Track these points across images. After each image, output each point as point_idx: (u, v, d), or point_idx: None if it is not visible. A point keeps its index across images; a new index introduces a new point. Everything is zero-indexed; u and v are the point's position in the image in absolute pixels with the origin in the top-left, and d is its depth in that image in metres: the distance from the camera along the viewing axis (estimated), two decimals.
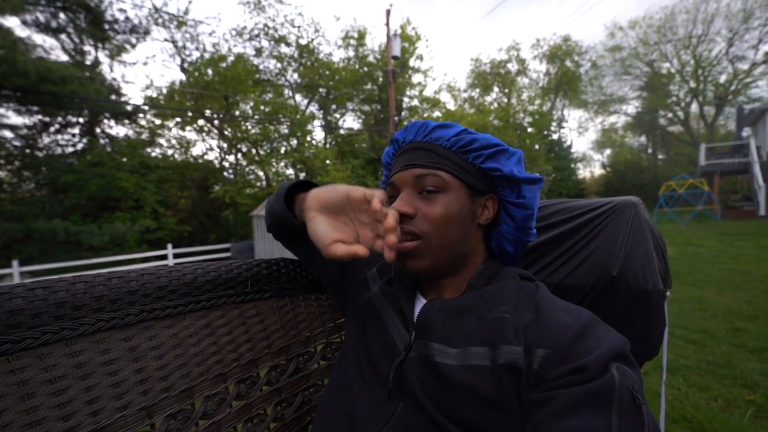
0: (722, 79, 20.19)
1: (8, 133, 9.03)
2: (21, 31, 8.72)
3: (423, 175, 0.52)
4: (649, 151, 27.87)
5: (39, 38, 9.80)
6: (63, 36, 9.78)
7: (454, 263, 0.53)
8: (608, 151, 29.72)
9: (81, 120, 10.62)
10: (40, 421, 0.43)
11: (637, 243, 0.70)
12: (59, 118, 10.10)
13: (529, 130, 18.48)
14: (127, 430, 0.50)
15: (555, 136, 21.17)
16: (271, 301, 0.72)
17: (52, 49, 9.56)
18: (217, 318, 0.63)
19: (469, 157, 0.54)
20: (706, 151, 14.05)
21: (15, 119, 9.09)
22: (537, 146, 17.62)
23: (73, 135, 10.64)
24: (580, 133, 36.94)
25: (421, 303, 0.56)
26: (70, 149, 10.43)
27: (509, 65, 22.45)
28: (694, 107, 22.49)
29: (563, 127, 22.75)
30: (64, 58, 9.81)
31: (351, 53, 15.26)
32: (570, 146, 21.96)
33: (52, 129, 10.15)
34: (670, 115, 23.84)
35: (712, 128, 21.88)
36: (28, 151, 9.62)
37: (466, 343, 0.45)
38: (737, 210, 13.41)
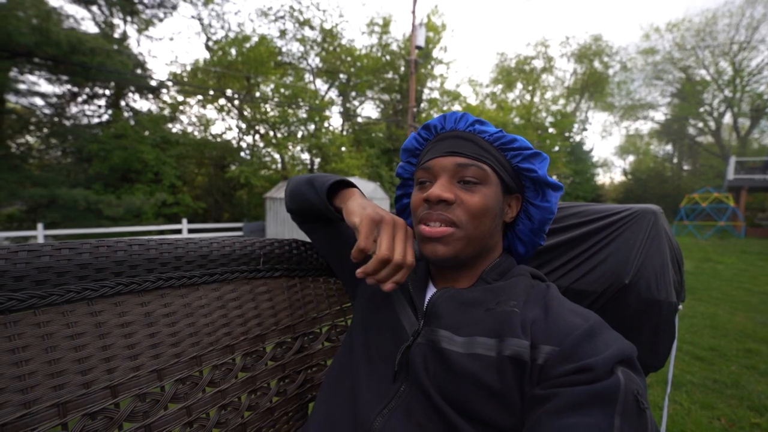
0: (761, 89, 19.20)
1: (39, 101, 9.33)
2: (55, 1, 8.91)
3: (466, 165, 0.52)
4: (675, 160, 26.88)
5: (72, 9, 10.02)
6: (94, 8, 9.96)
7: (477, 256, 0.54)
8: (631, 158, 28.84)
9: (107, 92, 10.87)
10: (61, 372, 0.46)
11: (653, 252, 0.69)
12: (87, 89, 10.34)
13: (551, 130, 18.03)
14: (140, 389, 0.52)
15: (577, 138, 20.62)
16: (281, 280, 0.73)
17: (83, 20, 9.74)
18: (229, 292, 0.65)
19: (508, 154, 0.55)
20: (735, 165, 13.46)
21: (46, 87, 9.37)
22: (557, 147, 17.20)
23: (99, 106, 10.91)
24: (603, 137, 35.86)
25: (431, 292, 0.57)
26: (96, 120, 10.70)
27: (535, 62, 21.83)
28: (728, 118, 21.49)
29: (586, 129, 22.12)
30: (94, 30, 10.02)
31: (374, 40, 15.08)
32: (591, 150, 21.40)
33: (79, 99, 10.41)
34: (700, 124, 22.87)
35: (745, 141, 20.90)
36: (56, 119, 9.92)
37: (473, 333, 0.46)
38: (763, 228, 12.90)
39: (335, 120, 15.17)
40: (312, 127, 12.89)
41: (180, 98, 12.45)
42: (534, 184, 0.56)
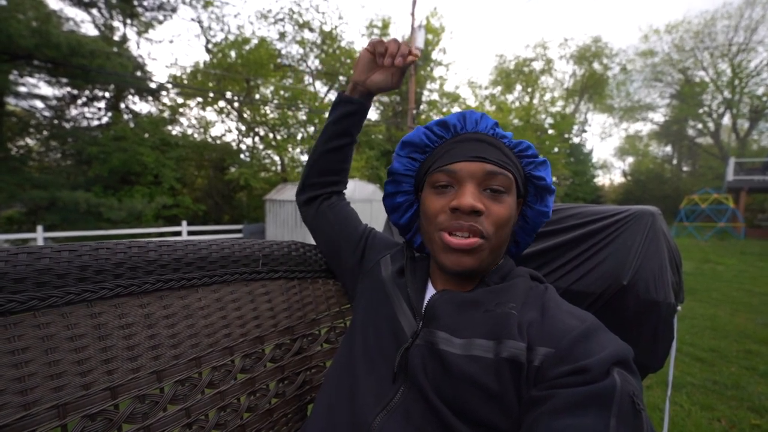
0: (760, 91, 19.24)
1: (39, 103, 9.36)
2: (55, 4, 8.93)
3: (495, 173, 0.50)
4: (674, 162, 26.93)
5: (72, 12, 10.05)
6: (94, 10, 10.00)
7: (492, 263, 0.54)
8: (630, 159, 28.91)
9: (107, 94, 10.89)
10: (60, 374, 0.46)
11: (651, 253, 0.69)
12: (87, 92, 10.37)
13: (550, 131, 18.06)
14: (139, 390, 0.52)
15: (576, 140, 20.67)
16: (280, 282, 0.74)
17: (83, 22, 9.77)
18: (228, 293, 0.65)
19: (523, 161, 0.56)
20: (735, 166, 13.48)
21: (45, 90, 9.38)
22: (557, 149, 17.23)
23: (99, 109, 10.93)
24: (602, 139, 35.91)
25: (430, 293, 0.57)
26: (96, 122, 10.73)
27: (534, 63, 21.91)
28: (727, 119, 21.54)
29: (585, 131, 22.18)
30: (94, 32, 10.05)
31: None
32: (591, 151, 21.45)
33: (79, 101, 10.44)
34: (699, 126, 22.93)
35: (744, 142, 20.94)
36: (56, 121, 9.93)
37: (471, 335, 0.46)
38: (763, 229, 12.92)
39: None
40: (312, 129, 12.91)
41: (180, 100, 12.48)
42: (536, 190, 0.57)
